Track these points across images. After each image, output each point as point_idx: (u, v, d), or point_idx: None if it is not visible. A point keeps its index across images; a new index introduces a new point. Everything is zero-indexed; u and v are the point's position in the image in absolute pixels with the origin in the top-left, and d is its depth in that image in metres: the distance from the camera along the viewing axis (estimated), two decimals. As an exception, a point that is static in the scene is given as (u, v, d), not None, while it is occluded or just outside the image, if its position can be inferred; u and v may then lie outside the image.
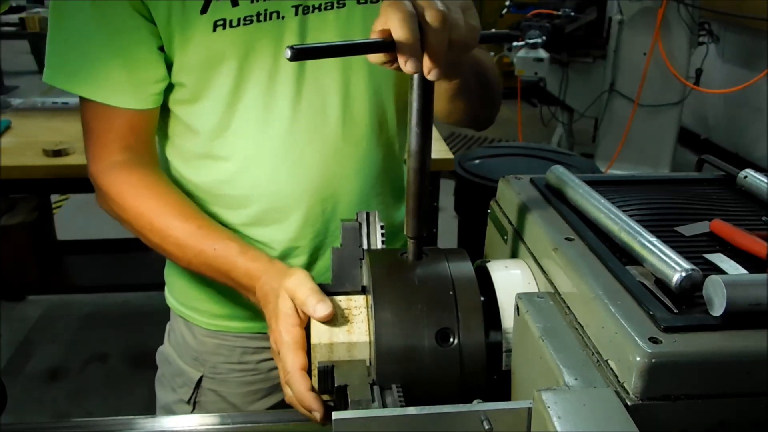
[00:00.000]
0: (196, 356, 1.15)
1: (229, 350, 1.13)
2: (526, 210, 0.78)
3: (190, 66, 0.94)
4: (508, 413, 0.55)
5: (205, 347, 1.14)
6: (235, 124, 0.98)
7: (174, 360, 1.18)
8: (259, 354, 1.14)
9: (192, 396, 1.15)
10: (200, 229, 0.93)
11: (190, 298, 1.13)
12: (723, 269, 0.64)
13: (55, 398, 2.66)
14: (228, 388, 1.14)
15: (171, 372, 1.18)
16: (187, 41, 0.92)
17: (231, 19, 0.91)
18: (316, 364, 0.69)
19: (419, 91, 0.65)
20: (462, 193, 2.87)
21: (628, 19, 4.21)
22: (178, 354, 1.17)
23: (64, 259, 3.17)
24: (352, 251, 0.78)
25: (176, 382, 1.17)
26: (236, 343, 1.13)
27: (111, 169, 0.98)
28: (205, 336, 1.13)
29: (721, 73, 4.87)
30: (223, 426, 0.94)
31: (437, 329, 0.66)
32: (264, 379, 1.15)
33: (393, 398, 0.62)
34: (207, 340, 1.13)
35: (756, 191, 0.82)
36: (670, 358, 0.51)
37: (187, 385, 1.15)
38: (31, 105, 2.72)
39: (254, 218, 1.04)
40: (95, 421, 0.94)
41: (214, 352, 1.14)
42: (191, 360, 1.15)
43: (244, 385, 1.15)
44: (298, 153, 0.99)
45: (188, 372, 1.16)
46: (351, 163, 1.03)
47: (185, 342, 1.16)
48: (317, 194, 1.02)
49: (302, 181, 1.01)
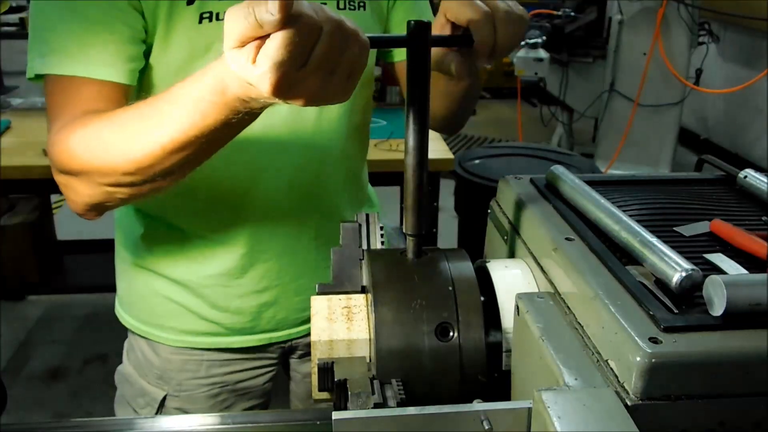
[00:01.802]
0: (160, 375, 1.12)
1: (196, 365, 1.11)
2: (526, 210, 0.78)
3: (171, 58, 0.91)
4: (508, 413, 0.55)
5: (170, 365, 1.11)
6: None
7: (135, 380, 1.15)
8: (226, 366, 1.13)
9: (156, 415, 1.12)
10: (148, 101, 0.79)
11: (155, 316, 1.11)
12: (723, 269, 0.64)
13: (55, 398, 2.66)
14: (194, 404, 1.13)
15: (132, 393, 1.16)
16: (171, 31, 0.89)
17: (218, 12, 0.89)
18: (316, 361, 0.70)
19: (417, 89, 0.65)
20: (462, 193, 2.87)
21: (628, 19, 4.21)
22: (140, 374, 1.14)
23: (64, 259, 3.17)
24: (352, 251, 0.78)
25: (138, 402, 1.15)
26: (203, 357, 1.11)
27: (65, 125, 0.84)
28: (170, 353, 1.11)
29: (721, 73, 4.87)
30: (223, 426, 0.94)
31: (436, 324, 0.66)
32: (232, 390, 1.15)
33: (393, 392, 0.62)
34: (172, 357, 1.11)
35: (756, 191, 0.82)
36: (670, 358, 0.51)
37: (150, 405, 1.13)
38: (31, 105, 2.71)
39: (220, 224, 1.03)
40: (95, 421, 0.93)
41: (180, 368, 1.11)
42: (155, 379, 1.13)
43: (211, 398, 1.13)
44: (267, 158, 0.99)
45: (151, 392, 1.13)
46: (322, 168, 1.04)
47: (147, 361, 1.13)
48: (287, 196, 1.02)
49: (272, 184, 1.01)
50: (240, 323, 1.09)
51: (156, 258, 1.08)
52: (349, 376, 0.65)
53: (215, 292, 1.07)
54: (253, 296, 1.08)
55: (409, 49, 0.65)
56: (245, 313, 1.09)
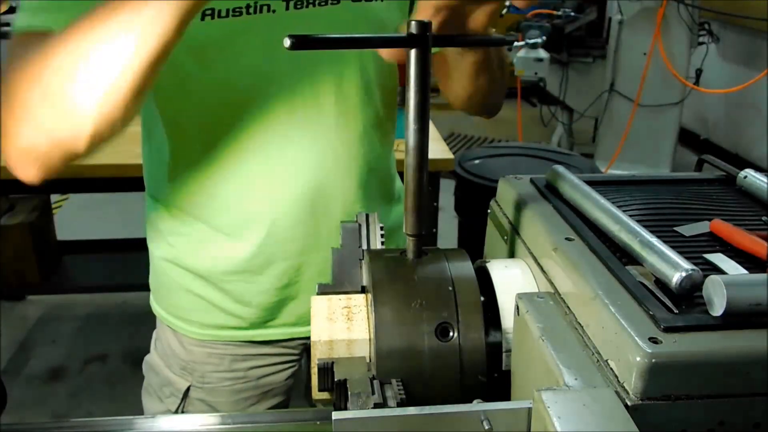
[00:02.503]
0: (184, 366, 1.13)
1: (219, 359, 1.12)
2: (525, 210, 0.78)
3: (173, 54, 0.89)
4: (508, 413, 0.55)
5: (194, 357, 1.12)
6: (218, 118, 0.96)
7: (161, 370, 1.16)
8: (248, 361, 1.13)
9: (179, 406, 1.14)
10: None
11: (179, 309, 1.12)
12: (723, 269, 0.64)
13: (55, 398, 2.66)
14: (217, 397, 1.13)
15: (158, 382, 1.17)
16: None
17: (219, 9, 0.89)
18: (316, 361, 0.70)
19: (416, 87, 0.65)
20: (462, 193, 2.87)
21: (628, 19, 4.21)
22: (166, 364, 1.16)
23: (64, 259, 3.17)
24: (352, 251, 0.78)
25: (163, 392, 1.16)
26: (226, 351, 1.12)
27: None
28: (194, 345, 1.12)
29: (721, 73, 4.87)
30: (223, 426, 0.94)
31: (436, 324, 0.66)
32: (254, 387, 1.15)
33: (393, 392, 0.62)
34: (196, 350, 1.12)
35: (756, 191, 0.82)
36: (670, 358, 0.51)
37: (174, 395, 1.14)
38: (31, 105, 2.71)
39: (242, 220, 1.03)
40: (95, 421, 0.93)
41: (203, 361, 1.12)
42: (179, 369, 1.14)
43: (234, 393, 1.14)
44: (288, 153, 0.99)
45: (176, 382, 1.14)
46: (342, 163, 1.03)
47: (173, 352, 1.14)
48: (308, 192, 1.01)
49: (293, 181, 1.00)
50: (263, 317, 1.10)
51: (180, 252, 1.09)
52: (349, 376, 0.65)
53: (238, 288, 1.07)
54: (275, 292, 1.08)
55: (408, 49, 0.65)
56: (268, 308, 1.09)
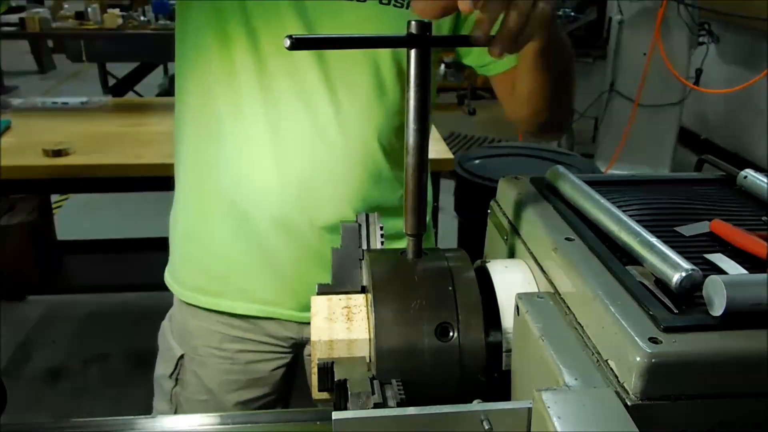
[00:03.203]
0: (181, 333, 1.19)
1: (209, 334, 1.16)
2: (525, 210, 0.78)
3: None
4: (508, 413, 0.55)
5: (188, 327, 1.17)
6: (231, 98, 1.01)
7: (165, 332, 1.23)
8: (238, 343, 1.16)
9: (174, 372, 1.19)
10: None
11: (174, 267, 1.17)
12: (723, 269, 0.64)
13: (55, 398, 2.66)
14: (206, 372, 1.18)
15: (164, 346, 1.23)
16: None
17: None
18: (316, 361, 0.70)
19: (416, 87, 0.65)
20: (462, 193, 2.87)
21: (628, 19, 4.21)
22: (171, 329, 1.22)
23: (64, 259, 3.17)
24: (352, 252, 0.78)
25: (165, 356, 1.22)
26: (217, 328, 1.15)
27: None
28: (189, 315, 1.17)
29: (721, 73, 4.87)
30: (223, 426, 0.94)
31: (436, 324, 0.66)
32: (242, 371, 1.18)
33: (393, 392, 0.62)
34: (190, 321, 1.17)
35: (756, 191, 0.82)
36: (670, 358, 0.51)
37: (171, 361, 1.19)
38: (31, 105, 2.72)
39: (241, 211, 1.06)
40: (95, 421, 0.94)
41: (196, 333, 1.17)
42: (177, 336, 1.20)
43: (222, 373, 1.17)
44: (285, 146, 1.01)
45: (174, 348, 1.20)
46: (341, 161, 1.04)
47: (174, 318, 1.21)
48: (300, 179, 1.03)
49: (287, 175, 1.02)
50: (242, 289, 1.13)
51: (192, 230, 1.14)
52: (349, 376, 0.65)
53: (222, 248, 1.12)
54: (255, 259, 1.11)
55: (408, 49, 0.65)
56: (246, 277, 1.13)
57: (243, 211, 1.07)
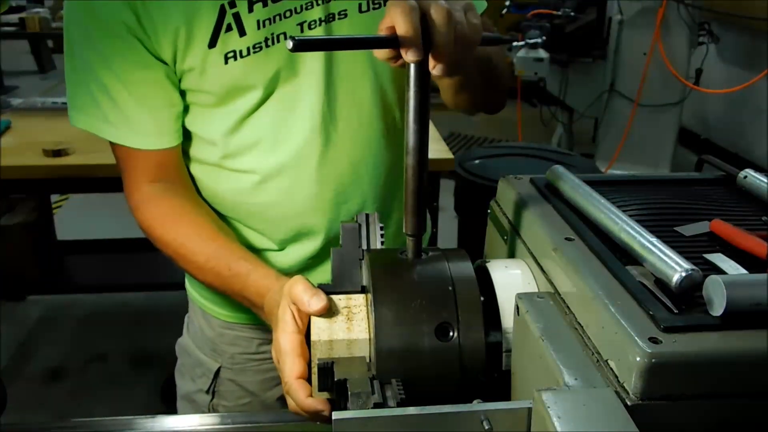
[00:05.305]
0: (214, 347, 1.19)
1: (247, 341, 1.17)
2: (525, 210, 0.78)
3: (203, 99, 0.97)
4: (508, 413, 0.55)
5: (223, 339, 1.17)
6: (251, 139, 1.00)
7: (193, 351, 1.22)
8: None
9: (211, 386, 1.19)
10: (218, 250, 0.96)
11: (209, 292, 1.16)
12: (723, 269, 0.64)
13: (55, 398, 2.66)
14: (246, 377, 1.18)
15: (190, 363, 1.22)
16: (202, 73, 0.94)
17: (240, 49, 0.92)
18: (316, 361, 0.70)
19: (416, 88, 0.65)
20: (462, 193, 2.87)
21: (628, 19, 4.20)
22: (197, 345, 1.21)
23: (64, 259, 3.17)
24: (352, 251, 0.78)
25: (195, 372, 1.21)
26: (253, 334, 1.16)
27: (142, 202, 1.02)
28: (223, 328, 1.17)
29: (721, 73, 4.86)
30: (223, 426, 0.94)
31: (436, 324, 0.66)
32: None
33: (393, 392, 0.62)
34: (225, 332, 1.17)
35: (756, 191, 0.82)
36: (670, 358, 0.51)
37: (206, 376, 1.19)
38: (31, 105, 2.71)
39: (275, 233, 1.06)
40: (95, 421, 0.94)
41: (231, 343, 1.17)
42: (210, 351, 1.19)
43: (262, 373, 1.18)
44: (315, 166, 1.01)
45: (207, 363, 1.19)
46: (364, 172, 1.05)
47: (203, 334, 1.20)
48: (336, 205, 1.04)
49: (321, 194, 1.03)
50: None
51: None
52: (349, 376, 0.65)
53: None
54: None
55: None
56: None
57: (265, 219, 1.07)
